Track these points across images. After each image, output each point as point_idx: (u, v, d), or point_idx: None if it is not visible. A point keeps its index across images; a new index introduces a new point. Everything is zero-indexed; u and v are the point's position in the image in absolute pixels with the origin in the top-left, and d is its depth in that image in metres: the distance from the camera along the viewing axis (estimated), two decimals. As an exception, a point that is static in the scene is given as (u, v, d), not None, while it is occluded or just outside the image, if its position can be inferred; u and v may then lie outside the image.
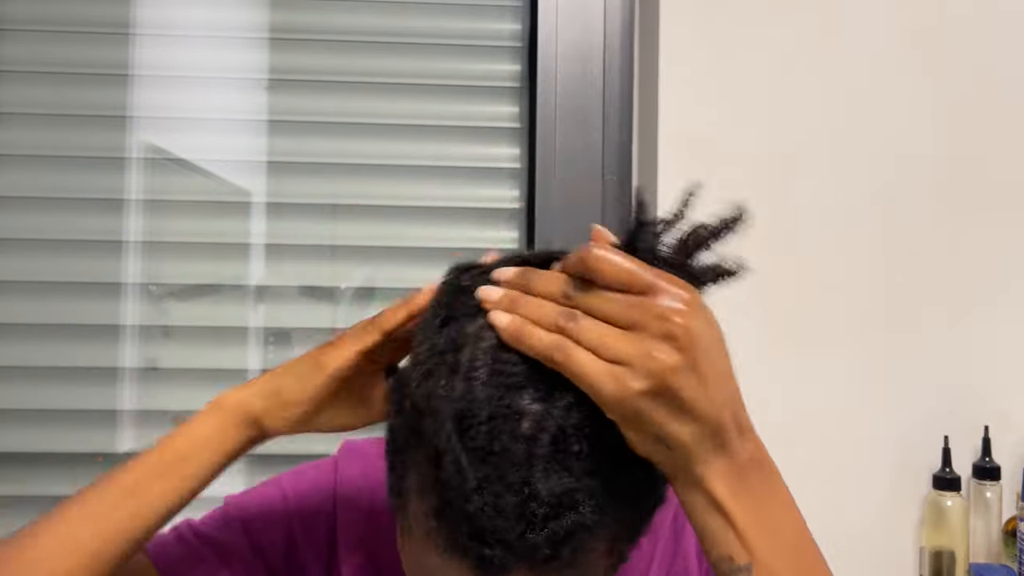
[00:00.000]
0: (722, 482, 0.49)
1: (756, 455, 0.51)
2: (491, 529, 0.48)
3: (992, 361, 1.20)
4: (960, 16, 1.23)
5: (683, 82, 1.20)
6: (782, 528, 0.50)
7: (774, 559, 0.49)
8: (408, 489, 0.53)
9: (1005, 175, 1.22)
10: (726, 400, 0.50)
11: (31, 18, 1.30)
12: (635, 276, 0.49)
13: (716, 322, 0.52)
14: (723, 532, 0.49)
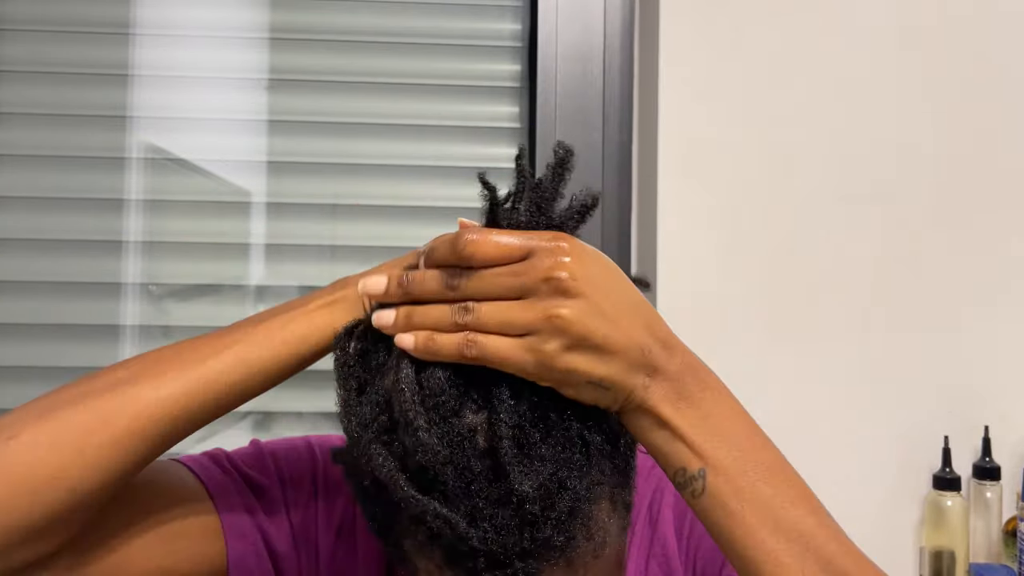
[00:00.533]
0: (662, 400, 0.51)
1: (689, 366, 0.52)
2: (503, 550, 0.49)
3: (992, 361, 1.20)
4: (960, 15, 1.23)
5: (683, 82, 1.20)
6: (730, 431, 0.51)
7: (727, 460, 0.50)
8: (409, 554, 0.53)
9: (1005, 175, 1.22)
10: (640, 324, 0.51)
11: (31, 18, 1.30)
12: (507, 246, 0.51)
13: (602, 256, 0.53)
14: (671, 445, 0.51)
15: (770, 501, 0.49)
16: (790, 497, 0.50)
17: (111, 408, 0.53)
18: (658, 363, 0.51)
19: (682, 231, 1.19)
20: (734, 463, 0.50)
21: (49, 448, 0.51)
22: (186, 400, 0.54)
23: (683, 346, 0.53)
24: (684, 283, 1.18)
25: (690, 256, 1.18)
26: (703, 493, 0.50)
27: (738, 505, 0.49)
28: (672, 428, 0.50)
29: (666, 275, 1.18)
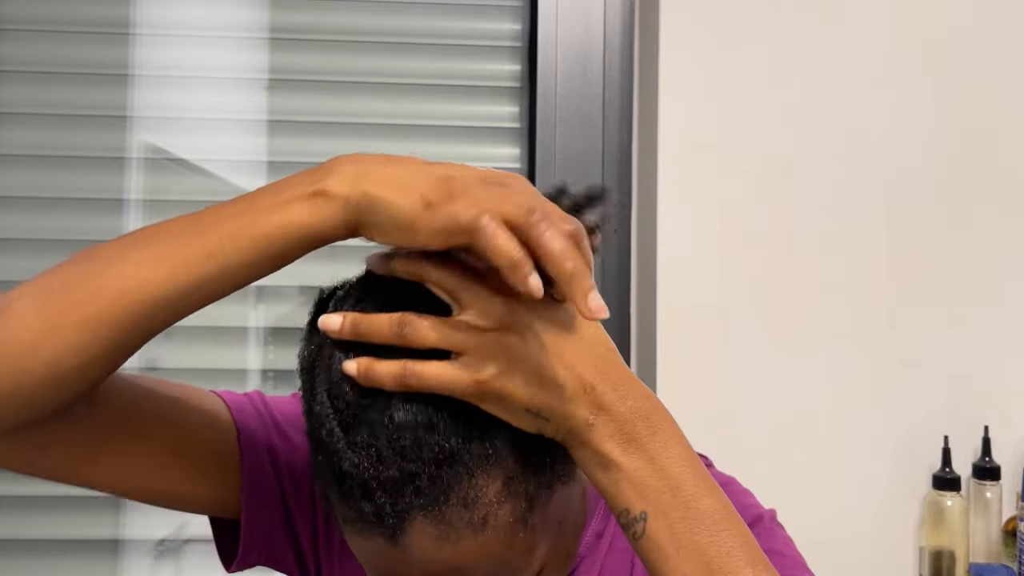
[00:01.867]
0: (608, 439, 0.50)
1: (640, 407, 0.51)
2: (374, 475, 0.50)
3: (992, 361, 1.20)
4: (961, 16, 1.23)
5: (683, 82, 1.20)
6: (676, 477, 0.51)
7: (668, 506, 0.50)
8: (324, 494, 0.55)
9: (1005, 175, 1.22)
10: (587, 361, 0.51)
11: (31, 18, 1.30)
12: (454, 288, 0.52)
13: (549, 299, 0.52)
14: (616, 486, 0.50)
15: (707, 550, 0.49)
16: (727, 548, 0.50)
17: (87, 291, 0.53)
18: (604, 402, 0.50)
19: (682, 231, 1.19)
20: (675, 509, 0.50)
21: (34, 320, 0.52)
22: (159, 288, 0.53)
23: (642, 389, 0.52)
24: (684, 283, 1.18)
25: (690, 256, 1.18)
26: (643, 536, 0.50)
27: (674, 551, 0.49)
28: (616, 468, 0.50)
29: (666, 275, 1.18)
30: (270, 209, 0.52)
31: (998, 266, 1.21)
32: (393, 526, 0.50)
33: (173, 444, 0.62)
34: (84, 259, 0.55)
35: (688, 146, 1.19)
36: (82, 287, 0.53)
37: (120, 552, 1.27)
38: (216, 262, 0.52)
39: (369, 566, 0.55)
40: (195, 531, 1.26)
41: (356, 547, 0.54)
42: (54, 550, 1.25)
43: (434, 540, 0.51)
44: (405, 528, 0.50)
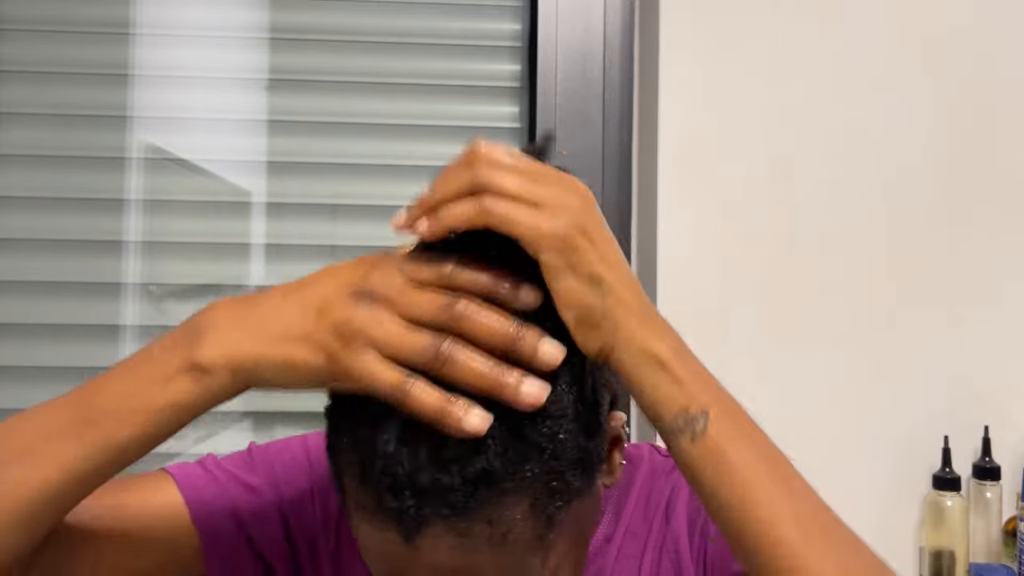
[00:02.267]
0: (661, 342, 0.51)
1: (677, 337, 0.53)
2: (407, 475, 0.48)
3: (992, 361, 1.20)
4: (961, 16, 1.23)
5: (683, 82, 1.20)
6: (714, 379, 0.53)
7: (733, 404, 0.51)
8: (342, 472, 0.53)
9: (1005, 175, 1.22)
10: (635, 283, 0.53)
11: (31, 18, 1.30)
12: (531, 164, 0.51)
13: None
14: (670, 387, 0.50)
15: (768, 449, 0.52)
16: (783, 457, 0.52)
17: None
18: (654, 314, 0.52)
19: (682, 231, 1.19)
20: (738, 407, 0.51)
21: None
22: (57, 484, 0.53)
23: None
24: (684, 283, 1.18)
25: (690, 256, 1.18)
26: (702, 434, 0.50)
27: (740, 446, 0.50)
28: (671, 370, 0.50)
29: (666, 275, 1.18)
30: (150, 386, 0.52)
31: (998, 266, 1.21)
32: (411, 528, 0.49)
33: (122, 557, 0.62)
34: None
35: (688, 146, 1.19)
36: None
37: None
38: (107, 451, 0.52)
39: (373, 556, 0.54)
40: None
41: (365, 536, 0.53)
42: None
43: (449, 549, 0.49)
44: (423, 531, 0.49)
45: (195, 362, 0.51)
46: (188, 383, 0.51)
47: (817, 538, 0.51)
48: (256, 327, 0.51)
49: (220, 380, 0.51)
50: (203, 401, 0.52)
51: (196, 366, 0.51)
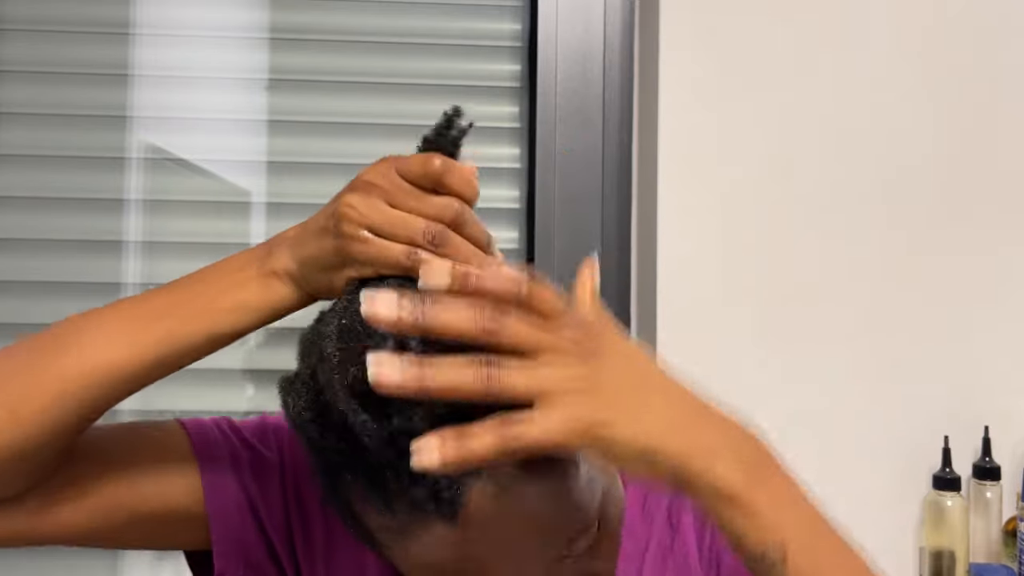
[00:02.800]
0: (729, 472, 0.47)
1: (746, 437, 0.50)
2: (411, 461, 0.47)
3: (992, 361, 1.20)
4: (961, 17, 1.22)
5: (683, 82, 1.20)
6: (806, 508, 0.49)
7: (810, 540, 0.48)
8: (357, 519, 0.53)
9: (1005, 176, 1.22)
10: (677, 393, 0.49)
11: (31, 18, 1.30)
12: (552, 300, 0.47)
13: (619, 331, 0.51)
14: (744, 522, 0.47)
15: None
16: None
17: (44, 375, 0.55)
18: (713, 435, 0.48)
19: (682, 231, 1.19)
20: (814, 542, 0.48)
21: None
22: (116, 370, 0.56)
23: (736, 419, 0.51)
24: (684, 283, 1.18)
25: (690, 256, 1.18)
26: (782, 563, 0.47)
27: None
28: (746, 504, 0.47)
29: (666, 275, 1.18)
30: (223, 291, 0.56)
31: (998, 266, 1.21)
32: (451, 501, 0.48)
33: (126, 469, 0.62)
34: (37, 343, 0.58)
35: (688, 146, 1.19)
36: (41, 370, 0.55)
37: (120, 552, 1.27)
38: (174, 342, 0.56)
39: (430, 567, 0.52)
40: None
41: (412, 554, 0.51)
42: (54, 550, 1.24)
43: (492, 498, 0.49)
44: (462, 498, 0.48)
45: (270, 269, 0.56)
46: (258, 288, 0.56)
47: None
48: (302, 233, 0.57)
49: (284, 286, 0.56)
50: (265, 305, 0.56)
51: (270, 272, 0.56)
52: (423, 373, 0.44)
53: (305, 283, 0.56)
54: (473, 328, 0.44)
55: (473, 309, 0.44)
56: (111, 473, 0.61)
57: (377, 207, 0.53)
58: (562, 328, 0.46)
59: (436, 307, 0.44)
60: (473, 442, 0.43)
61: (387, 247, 0.52)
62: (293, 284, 0.57)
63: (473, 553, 0.50)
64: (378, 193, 0.53)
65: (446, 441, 0.43)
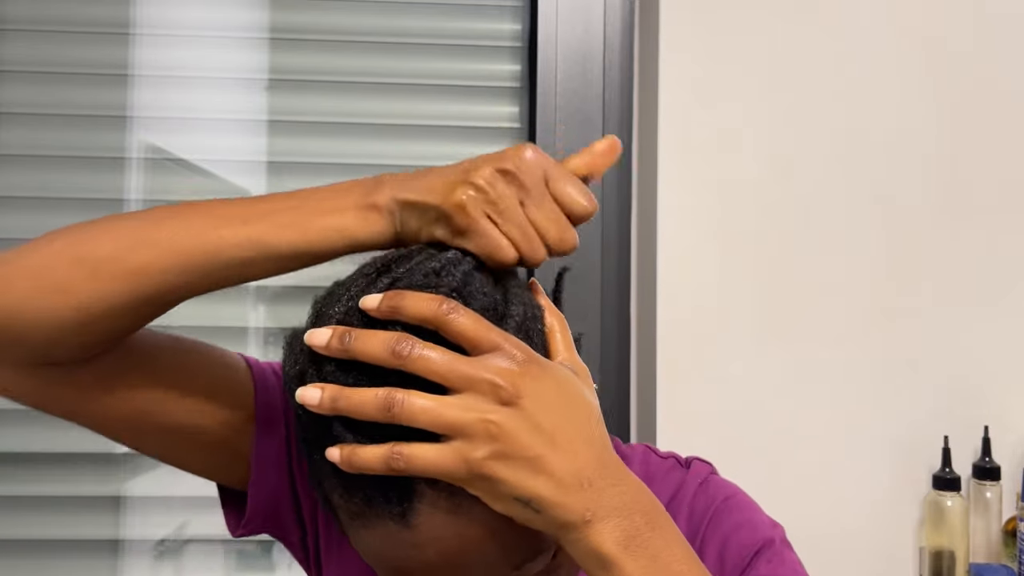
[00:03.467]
0: (608, 537, 0.48)
1: (638, 501, 0.50)
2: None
3: (992, 361, 1.20)
4: (961, 17, 1.23)
5: (683, 82, 1.20)
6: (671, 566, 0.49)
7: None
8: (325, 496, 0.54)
9: (1005, 175, 1.22)
10: (588, 455, 0.49)
11: (31, 18, 1.30)
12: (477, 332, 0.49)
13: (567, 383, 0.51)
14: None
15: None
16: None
17: (130, 244, 0.56)
18: (603, 497, 0.48)
19: (682, 231, 1.19)
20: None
21: (71, 262, 0.56)
22: (198, 258, 0.55)
23: (636, 482, 0.51)
24: (683, 283, 1.18)
25: (689, 256, 1.18)
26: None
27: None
28: (617, 568, 0.48)
29: (665, 275, 1.18)
30: (322, 213, 0.55)
31: (998, 266, 1.21)
32: (402, 502, 0.50)
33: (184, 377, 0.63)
34: (130, 218, 0.58)
35: (688, 146, 1.19)
36: (128, 238, 0.56)
37: (120, 552, 1.27)
38: (257, 249, 0.55)
39: (379, 560, 0.54)
40: (195, 531, 1.26)
41: (364, 543, 0.53)
42: (54, 550, 1.25)
43: (445, 512, 0.50)
44: (415, 504, 0.49)
45: (371, 202, 0.56)
46: (356, 216, 0.56)
47: None
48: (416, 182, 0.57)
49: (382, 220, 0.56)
50: (359, 234, 0.56)
51: (371, 205, 0.56)
52: (336, 395, 0.49)
53: (400, 224, 0.56)
54: (384, 353, 0.48)
55: (390, 337, 0.49)
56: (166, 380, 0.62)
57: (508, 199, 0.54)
58: (487, 368, 0.48)
59: (359, 335, 0.50)
60: (364, 452, 0.48)
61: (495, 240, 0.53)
62: (390, 222, 0.56)
63: (421, 557, 0.51)
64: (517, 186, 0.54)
65: (344, 447, 0.49)
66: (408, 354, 0.48)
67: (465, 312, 0.49)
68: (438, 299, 0.50)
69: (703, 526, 0.66)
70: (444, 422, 0.47)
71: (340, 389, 0.49)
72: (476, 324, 0.49)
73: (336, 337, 0.50)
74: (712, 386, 1.15)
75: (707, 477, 0.69)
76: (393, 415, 0.48)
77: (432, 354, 0.48)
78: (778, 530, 0.65)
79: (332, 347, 0.50)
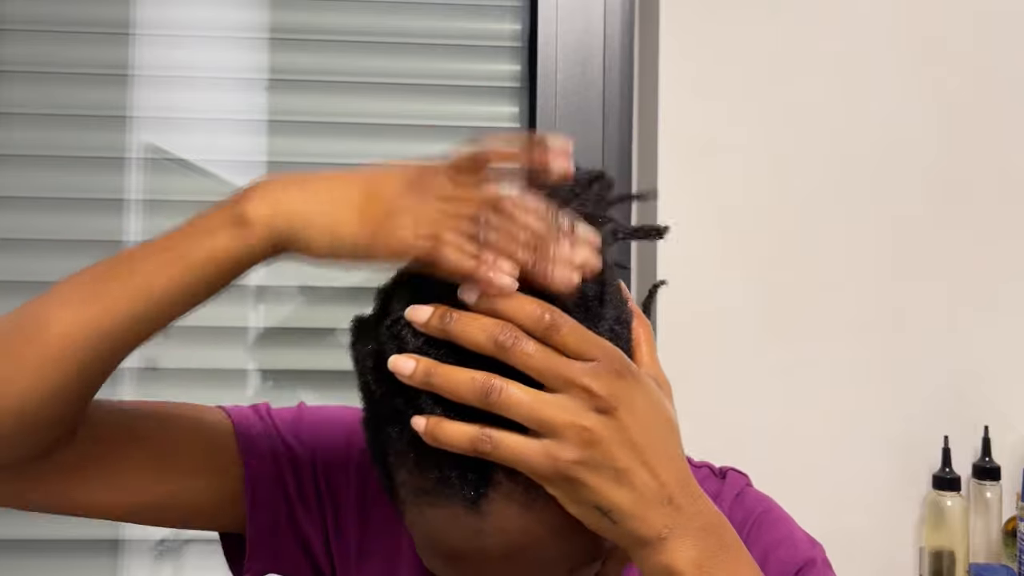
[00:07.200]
0: (682, 554, 0.48)
1: (712, 521, 0.50)
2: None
3: (992, 361, 1.20)
4: (960, 15, 1.22)
5: (683, 82, 1.20)
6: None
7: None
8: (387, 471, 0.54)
9: (1005, 175, 1.22)
10: (672, 473, 0.49)
11: (31, 18, 1.29)
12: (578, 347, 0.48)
13: (659, 401, 0.51)
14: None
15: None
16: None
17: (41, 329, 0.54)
18: (680, 515, 0.49)
19: (682, 231, 1.19)
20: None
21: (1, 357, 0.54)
22: (103, 327, 0.54)
23: (708, 502, 0.51)
24: (683, 283, 1.18)
25: (690, 256, 1.18)
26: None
27: None
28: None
29: (665, 275, 1.18)
30: (193, 239, 0.54)
31: (998, 266, 1.21)
32: (477, 486, 0.49)
33: (162, 458, 0.62)
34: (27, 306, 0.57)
35: (688, 146, 1.19)
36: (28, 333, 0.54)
37: (120, 552, 1.27)
38: (146, 297, 0.54)
39: (435, 542, 0.53)
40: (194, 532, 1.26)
41: (426, 524, 0.52)
42: (54, 550, 1.25)
43: (518, 506, 0.49)
44: (489, 492, 0.49)
45: (239, 215, 0.52)
46: (228, 237, 0.52)
47: None
48: (306, 191, 0.53)
49: (259, 235, 0.52)
50: (238, 256, 0.53)
51: (240, 219, 0.52)
52: (431, 369, 0.48)
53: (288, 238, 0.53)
54: (486, 341, 0.48)
55: (495, 326, 0.48)
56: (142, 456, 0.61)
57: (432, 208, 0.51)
58: (586, 374, 0.48)
59: (461, 317, 0.49)
60: (452, 427, 0.48)
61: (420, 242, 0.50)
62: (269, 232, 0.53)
63: (482, 545, 0.51)
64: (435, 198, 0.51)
65: (431, 417, 0.48)
66: (511, 346, 0.48)
67: (565, 323, 0.48)
68: (543, 308, 0.48)
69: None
70: (540, 419, 0.47)
71: (436, 364, 0.48)
72: (577, 335, 0.49)
73: (437, 316, 0.49)
74: (712, 386, 1.15)
75: (743, 489, 0.69)
76: (490, 402, 0.47)
77: (533, 349, 0.48)
78: (818, 550, 0.65)
79: (432, 325, 0.49)
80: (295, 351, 1.30)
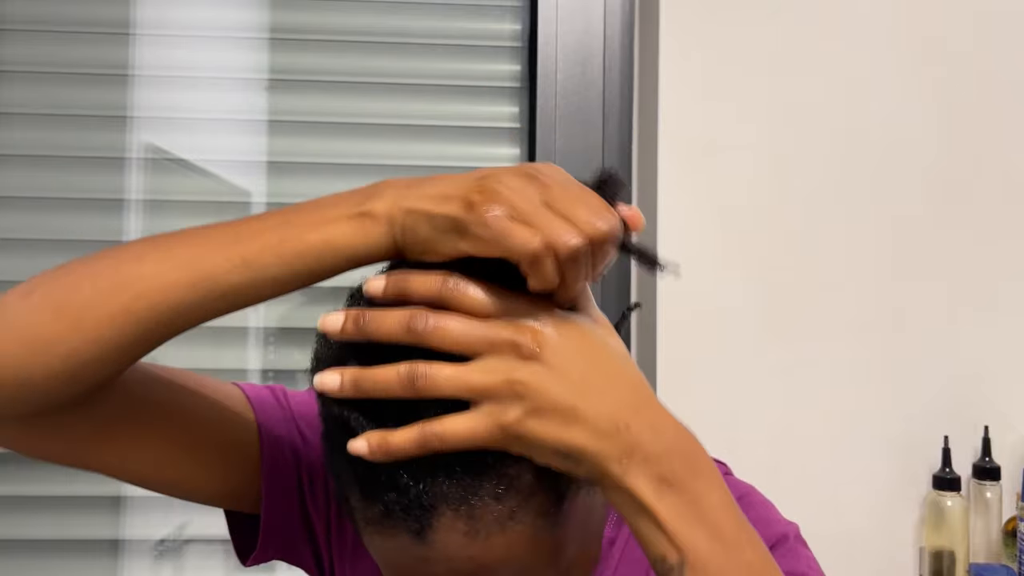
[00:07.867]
0: (642, 483, 0.47)
1: (678, 446, 0.49)
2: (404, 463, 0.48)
3: (992, 361, 1.20)
4: (960, 15, 1.23)
5: (683, 82, 1.20)
6: (716, 524, 0.48)
7: (707, 556, 0.47)
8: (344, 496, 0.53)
9: (1005, 175, 1.22)
10: (619, 399, 0.48)
11: (31, 18, 1.30)
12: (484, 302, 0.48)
13: (589, 331, 0.50)
14: (651, 532, 0.47)
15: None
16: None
17: (112, 285, 0.52)
18: (639, 441, 0.47)
19: (682, 231, 1.19)
20: (714, 559, 0.47)
21: (53, 314, 0.52)
22: (186, 290, 0.52)
23: (678, 427, 0.50)
24: (683, 283, 1.18)
25: (690, 256, 1.18)
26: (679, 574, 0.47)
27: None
28: (652, 512, 0.47)
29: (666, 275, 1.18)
30: (311, 226, 0.52)
31: (998, 266, 1.21)
32: (420, 519, 0.49)
33: (188, 433, 0.62)
34: (106, 256, 0.55)
35: (688, 146, 1.19)
36: (108, 279, 0.52)
37: (120, 552, 1.27)
38: (249, 271, 0.52)
39: (390, 568, 0.53)
40: (195, 531, 1.26)
41: (377, 549, 0.52)
42: (54, 550, 1.25)
43: (462, 535, 0.49)
44: (432, 522, 0.49)
45: (364, 210, 0.51)
46: (349, 227, 0.51)
47: None
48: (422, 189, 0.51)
49: (379, 230, 0.51)
50: (354, 248, 0.51)
51: (365, 213, 0.51)
52: (357, 376, 0.48)
53: (402, 234, 0.50)
54: (400, 330, 0.48)
55: (405, 314, 0.48)
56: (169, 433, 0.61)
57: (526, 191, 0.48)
58: (503, 327, 0.48)
59: (373, 315, 0.49)
60: (395, 437, 0.47)
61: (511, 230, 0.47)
62: (388, 231, 0.51)
63: (432, 572, 0.51)
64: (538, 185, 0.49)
65: (372, 433, 0.48)
66: (424, 328, 0.47)
67: (468, 283, 0.48)
68: (441, 276, 0.48)
69: None
70: (470, 387, 0.47)
71: (360, 370, 0.48)
72: (483, 291, 0.48)
73: (351, 320, 0.49)
74: (712, 386, 1.15)
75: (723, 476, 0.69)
76: (418, 388, 0.47)
77: (448, 322, 0.48)
78: (792, 527, 0.65)
79: (347, 330, 0.49)
80: (295, 351, 1.30)
